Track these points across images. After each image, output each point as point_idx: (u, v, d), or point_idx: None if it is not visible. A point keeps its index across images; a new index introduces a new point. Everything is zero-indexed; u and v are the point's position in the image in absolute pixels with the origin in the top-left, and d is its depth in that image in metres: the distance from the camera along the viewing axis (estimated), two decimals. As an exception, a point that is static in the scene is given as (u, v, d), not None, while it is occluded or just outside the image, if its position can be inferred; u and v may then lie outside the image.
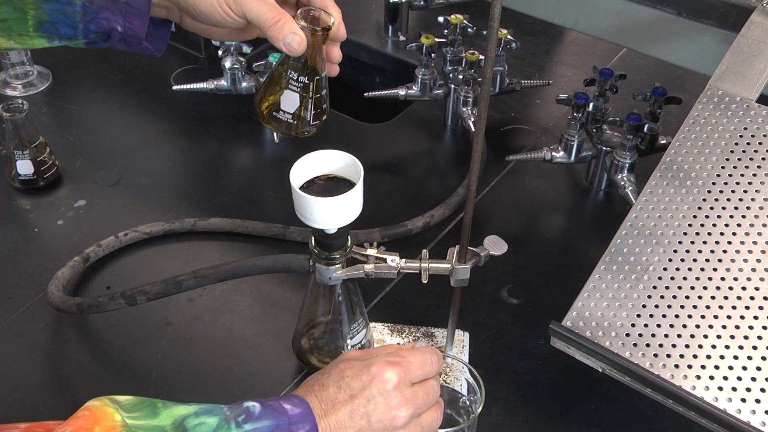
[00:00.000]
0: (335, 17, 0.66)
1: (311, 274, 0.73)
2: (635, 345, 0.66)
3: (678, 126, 0.80)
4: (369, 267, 0.72)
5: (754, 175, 0.75)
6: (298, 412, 0.58)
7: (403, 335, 0.83)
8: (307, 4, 0.67)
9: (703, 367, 0.65)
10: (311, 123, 0.69)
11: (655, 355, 0.66)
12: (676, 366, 0.65)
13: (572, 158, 1.00)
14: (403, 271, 0.72)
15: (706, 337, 0.66)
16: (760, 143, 0.77)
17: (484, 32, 1.11)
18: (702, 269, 0.70)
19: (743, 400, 0.63)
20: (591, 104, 0.99)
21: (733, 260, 0.71)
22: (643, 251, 0.72)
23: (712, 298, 0.69)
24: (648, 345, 0.66)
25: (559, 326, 0.68)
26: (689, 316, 0.68)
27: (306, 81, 0.67)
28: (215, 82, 1.14)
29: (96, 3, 0.66)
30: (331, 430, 0.59)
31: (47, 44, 0.69)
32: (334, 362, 0.63)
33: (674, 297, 0.69)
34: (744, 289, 0.69)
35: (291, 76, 0.67)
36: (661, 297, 0.69)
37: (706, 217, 0.74)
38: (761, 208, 0.73)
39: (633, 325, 0.68)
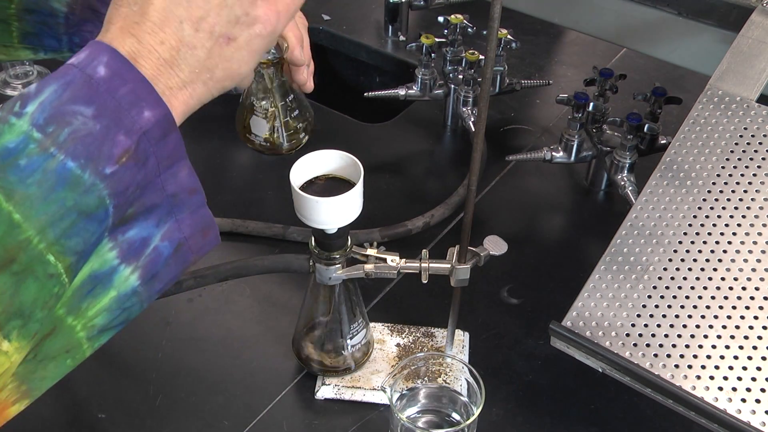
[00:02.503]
0: (289, 42, 0.60)
1: (311, 274, 0.73)
2: (635, 345, 0.66)
3: (678, 126, 0.80)
4: (369, 267, 0.72)
5: (754, 175, 0.75)
6: (87, 52, 0.45)
7: (403, 335, 0.83)
8: None
9: (703, 367, 0.65)
10: (285, 144, 0.67)
11: (655, 355, 0.66)
12: (676, 366, 0.65)
13: (572, 158, 1.00)
14: (403, 271, 0.72)
15: (706, 337, 0.66)
16: (760, 143, 0.77)
17: (484, 32, 1.11)
18: (702, 269, 0.70)
19: (743, 400, 0.63)
20: (591, 104, 0.99)
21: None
22: (643, 251, 0.72)
23: (712, 298, 0.69)
24: (648, 345, 0.66)
25: (559, 326, 0.68)
26: (689, 316, 0.68)
27: (269, 108, 0.65)
28: (215, 82, 1.14)
29: (78, 15, 0.64)
30: (156, 44, 0.45)
31: (33, 56, 0.67)
32: None
33: (674, 297, 0.69)
34: (744, 289, 0.69)
35: (254, 103, 0.65)
36: (661, 297, 0.69)
37: (706, 217, 0.74)
38: (761, 208, 0.73)
39: (633, 325, 0.68)
